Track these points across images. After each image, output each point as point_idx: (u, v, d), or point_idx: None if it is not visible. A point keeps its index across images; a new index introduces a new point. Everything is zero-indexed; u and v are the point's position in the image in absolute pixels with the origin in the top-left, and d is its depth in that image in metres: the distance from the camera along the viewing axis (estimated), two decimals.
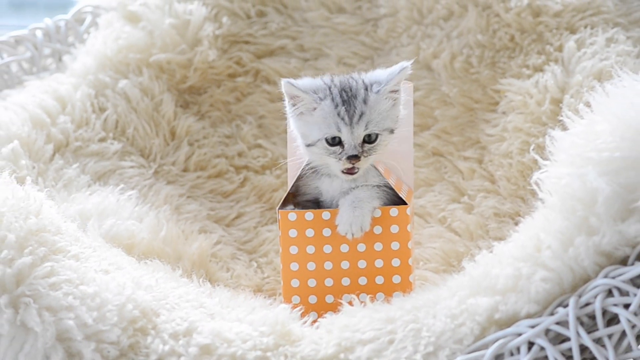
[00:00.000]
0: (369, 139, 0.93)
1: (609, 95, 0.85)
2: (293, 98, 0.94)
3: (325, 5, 1.36)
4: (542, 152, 0.96)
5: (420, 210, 1.20)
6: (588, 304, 0.74)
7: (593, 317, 0.74)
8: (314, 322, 0.86)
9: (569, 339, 0.73)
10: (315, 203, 1.00)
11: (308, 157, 0.96)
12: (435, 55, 1.30)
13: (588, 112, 0.86)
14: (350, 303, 0.87)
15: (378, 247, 0.95)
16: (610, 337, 0.74)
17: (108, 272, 0.85)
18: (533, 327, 0.74)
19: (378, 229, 0.95)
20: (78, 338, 0.76)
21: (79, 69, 1.23)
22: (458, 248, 1.11)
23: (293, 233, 0.95)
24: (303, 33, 1.36)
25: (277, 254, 1.15)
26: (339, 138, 0.92)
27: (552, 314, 0.75)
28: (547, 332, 0.74)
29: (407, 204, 0.95)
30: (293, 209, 0.97)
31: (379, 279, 0.96)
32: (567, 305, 0.74)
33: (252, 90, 1.35)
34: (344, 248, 0.95)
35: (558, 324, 0.74)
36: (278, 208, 0.97)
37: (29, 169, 1.06)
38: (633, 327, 0.73)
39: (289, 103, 0.95)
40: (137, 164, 1.20)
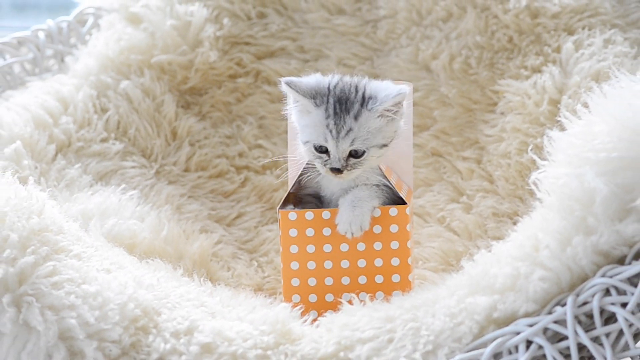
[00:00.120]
0: (355, 154, 0.92)
1: (607, 96, 0.85)
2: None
3: (325, 7, 1.37)
4: (540, 152, 0.97)
5: (420, 210, 1.21)
6: (586, 303, 0.75)
7: (591, 316, 0.75)
8: (314, 320, 0.86)
9: (567, 338, 0.73)
10: (316, 197, 1.00)
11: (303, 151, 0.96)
12: (434, 57, 1.30)
13: (586, 112, 0.86)
14: (350, 302, 0.87)
15: (378, 246, 0.95)
16: (608, 335, 0.74)
17: (110, 271, 0.86)
18: (531, 325, 0.74)
19: (378, 229, 0.95)
20: (80, 337, 0.76)
21: (81, 70, 1.24)
22: (457, 247, 1.12)
23: (293, 232, 0.96)
24: (303, 34, 1.37)
25: (277, 254, 1.15)
26: (326, 147, 0.92)
27: (550, 313, 0.75)
28: (545, 330, 0.74)
29: (406, 204, 0.96)
30: (293, 209, 0.98)
31: (379, 278, 0.96)
32: (565, 304, 0.75)
33: (252, 91, 1.35)
34: (344, 247, 0.96)
35: (556, 323, 0.74)
36: (278, 208, 0.97)
37: (32, 169, 1.06)
38: (630, 325, 0.73)
39: (292, 98, 0.94)
40: (138, 164, 1.20)
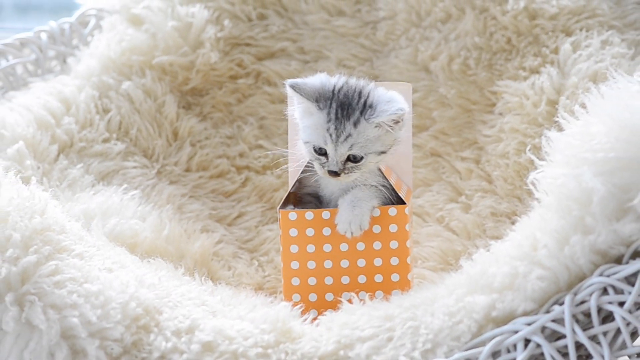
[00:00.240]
0: (354, 159, 0.93)
1: (604, 97, 0.86)
2: None
3: (325, 8, 1.37)
4: (538, 152, 0.97)
5: (419, 210, 1.21)
6: (583, 302, 0.75)
7: (588, 314, 0.75)
8: (314, 319, 0.86)
9: (565, 337, 0.74)
10: (316, 197, 1.00)
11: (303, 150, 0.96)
12: (433, 58, 1.31)
13: (583, 113, 0.86)
14: (350, 301, 0.87)
15: (377, 246, 0.96)
16: (606, 334, 0.74)
17: (112, 270, 0.86)
18: (529, 324, 0.74)
19: (377, 228, 0.95)
20: (82, 335, 0.76)
21: (83, 71, 1.24)
22: (456, 247, 1.12)
23: (293, 232, 0.96)
24: (303, 35, 1.37)
25: (277, 253, 1.16)
26: (325, 150, 0.93)
27: (548, 312, 0.75)
28: (543, 329, 0.74)
29: (405, 204, 0.96)
30: (293, 209, 0.98)
31: (378, 277, 0.96)
32: (562, 303, 0.75)
33: (253, 92, 1.35)
34: (344, 247, 0.96)
35: (554, 322, 0.74)
36: (279, 208, 0.97)
37: (34, 169, 1.07)
38: (628, 324, 0.74)
39: (296, 99, 0.94)
40: (140, 164, 1.20)
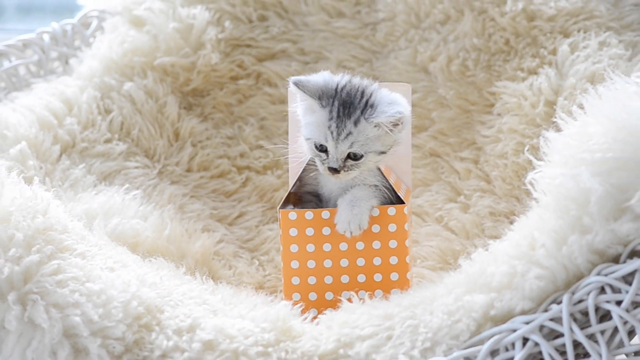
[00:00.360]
0: (354, 157, 0.93)
1: (602, 98, 0.86)
2: None
3: (325, 10, 1.37)
4: (536, 152, 0.97)
5: (418, 210, 1.21)
6: (581, 301, 0.75)
7: (586, 313, 0.75)
8: (314, 318, 0.87)
9: (563, 335, 0.74)
10: (316, 196, 1.01)
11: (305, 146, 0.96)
12: (432, 59, 1.31)
13: (581, 114, 0.87)
14: (350, 300, 0.88)
15: (376, 245, 0.96)
16: (603, 333, 0.75)
17: (113, 269, 0.86)
18: (527, 323, 0.75)
19: (376, 228, 0.96)
20: (84, 334, 0.77)
21: (85, 72, 1.25)
22: (454, 246, 1.12)
23: (293, 232, 0.96)
24: (303, 37, 1.37)
25: (278, 252, 1.16)
26: (326, 147, 0.93)
27: (546, 311, 0.76)
28: (541, 328, 0.75)
29: (404, 204, 0.96)
30: (293, 209, 0.99)
31: (377, 277, 0.97)
32: (560, 302, 0.75)
33: (253, 93, 1.36)
34: (343, 246, 0.96)
35: (552, 321, 0.74)
36: (279, 207, 0.98)
37: (37, 169, 1.07)
38: (625, 323, 0.74)
39: (300, 97, 0.95)
40: (141, 165, 1.21)
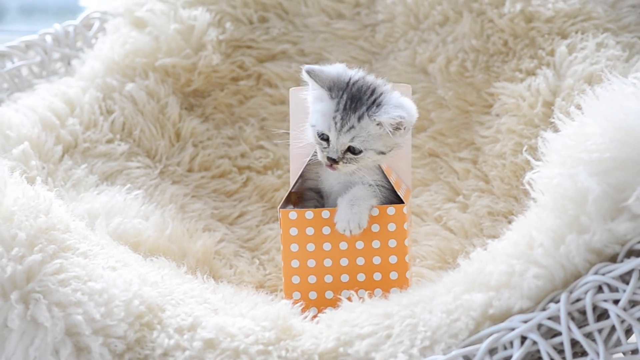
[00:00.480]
0: (354, 151, 0.94)
1: (599, 98, 0.86)
2: None
3: (325, 12, 1.38)
4: (534, 153, 0.97)
5: (417, 209, 1.22)
6: (579, 300, 0.76)
7: (584, 312, 0.76)
8: (314, 317, 0.87)
9: (561, 334, 0.74)
10: (317, 192, 1.01)
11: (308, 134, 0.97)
12: (431, 60, 1.32)
13: (579, 114, 0.87)
14: (349, 299, 0.88)
15: (376, 244, 0.96)
16: (601, 331, 0.75)
17: (115, 269, 0.87)
18: (526, 322, 0.75)
19: (376, 227, 0.96)
20: (86, 333, 0.77)
21: (87, 73, 1.25)
22: (453, 246, 1.13)
23: (294, 231, 0.97)
24: (304, 38, 1.38)
25: (278, 252, 1.17)
26: (328, 136, 0.94)
27: (544, 310, 0.76)
28: (539, 327, 0.75)
29: (403, 203, 0.97)
30: (293, 208, 0.99)
31: (377, 276, 0.97)
32: (558, 301, 0.76)
33: (254, 94, 1.36)
34: (343, 246, 0.97)
35: (550, 319, 0.75)
36: (279, 207, 0.98)
37: (39, 170, 1.08)
38: (622, 322, 0.74)
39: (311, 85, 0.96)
40: (143, 165, 1.21)
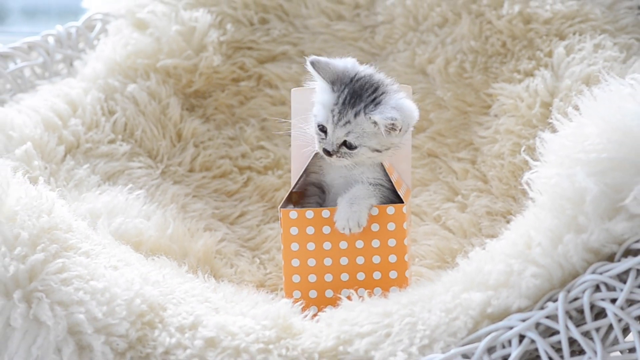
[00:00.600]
0: (349, 146, 0.95)
1: (597, 99, 0.87)
2: None
3: (325, 13, 1.39)
4: (532, 153, 0.98)
5: (416, 209, 1.22)
6: (577, 299, 0.76)
7: (581, 311, 0.76)
8: (314, 316, 0.88)
9: (558, 332, 0.75)
10: (319, 188, 1.02)
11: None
12: (430, 61, 1.32)
13: (577, 115, 0.88)
14: (349, 298, 0.89)
15: (375, 244, 0.97)
16: (598, 330, 0.75)
17: (117, 268, 0.87)
18: (524, 320, 0.75)
19: (375, 227, 0.97)
20: (88, 331, 0.78)
21: (89, 74, 1.26)
22: (452, 245, 1.13)
23: (294, 231, 0.97)
24: (304, 39, 1.39)
25: (278, 251, 1.17)
26: (326, 128, 0.95)
27: (542, 309, 0.76)
28: (537, 325, 0.75)
29: (403, 203, 0.97)
30: (294, 208, 1.00)
31: (377, 275, 0.97)
32: (556, 300, 0.76)
33: (255, 94, 1.37)
34: (343, 245, 0.97)
35: (548, 318, 0.75)
36: (280, 207, 0.99)
37: (42, 170, 1.08)
38: (620, 320, 0.75)
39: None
40: (145, 165, 1.22)
